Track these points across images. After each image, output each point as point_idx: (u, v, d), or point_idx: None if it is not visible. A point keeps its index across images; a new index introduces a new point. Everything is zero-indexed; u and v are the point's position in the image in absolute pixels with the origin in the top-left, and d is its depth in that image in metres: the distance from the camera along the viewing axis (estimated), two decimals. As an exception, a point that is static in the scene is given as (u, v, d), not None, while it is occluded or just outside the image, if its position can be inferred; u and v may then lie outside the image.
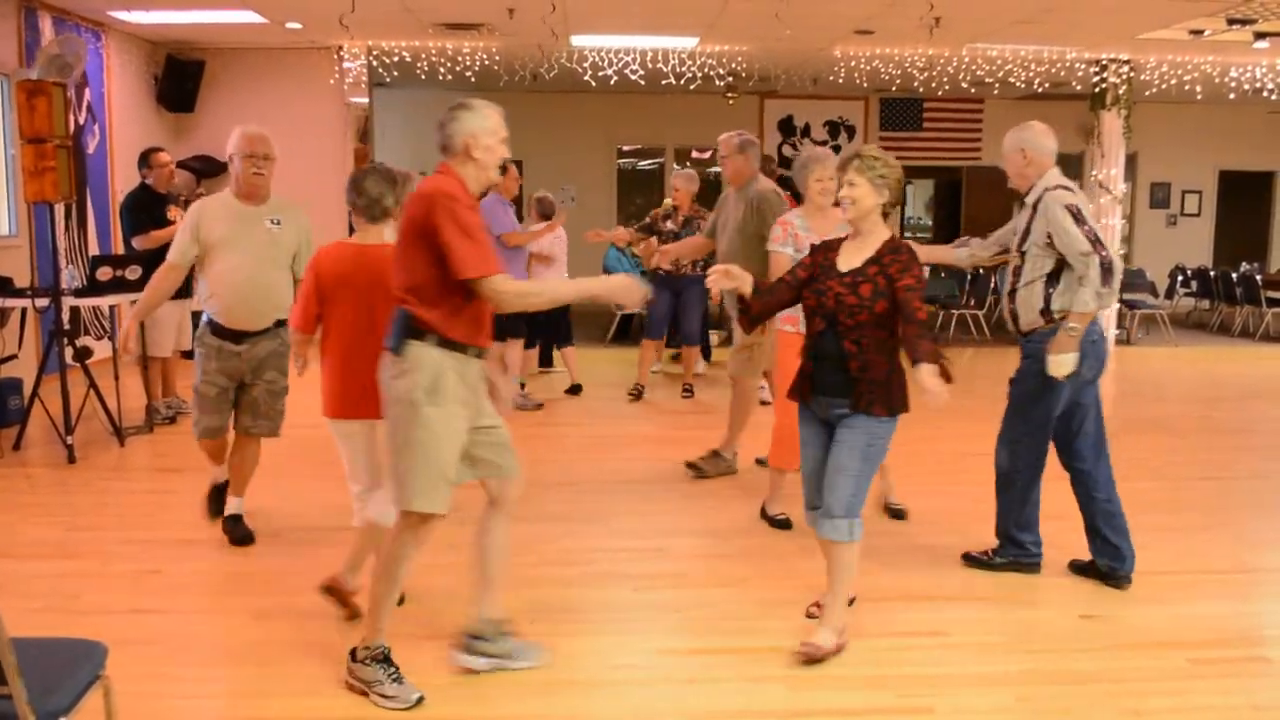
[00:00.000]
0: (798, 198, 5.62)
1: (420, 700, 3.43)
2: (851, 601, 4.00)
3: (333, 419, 4.01)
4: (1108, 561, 4.59)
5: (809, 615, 4.09)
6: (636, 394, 8.59)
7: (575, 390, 8.76)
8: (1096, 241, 4.27)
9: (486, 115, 3.49)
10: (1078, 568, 4.73)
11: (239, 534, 4.95)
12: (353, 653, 3.54)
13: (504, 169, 9.04)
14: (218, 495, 5.11)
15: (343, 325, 3.97)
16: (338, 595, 4.08)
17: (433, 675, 3.65)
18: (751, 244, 5.76)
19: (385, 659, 3.49)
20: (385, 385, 3.43)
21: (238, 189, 4.76)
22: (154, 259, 7.23)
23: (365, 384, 3.74)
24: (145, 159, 7.48)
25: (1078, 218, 4.33)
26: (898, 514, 5.43)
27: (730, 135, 6.10)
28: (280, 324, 4.82)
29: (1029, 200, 4.56)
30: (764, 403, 7.62)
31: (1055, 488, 6.19)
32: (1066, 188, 4.50)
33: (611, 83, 12.72)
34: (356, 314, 3.92)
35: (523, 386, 8.54)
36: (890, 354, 3.74)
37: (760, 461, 6.21)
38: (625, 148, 16.56)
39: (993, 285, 13.18)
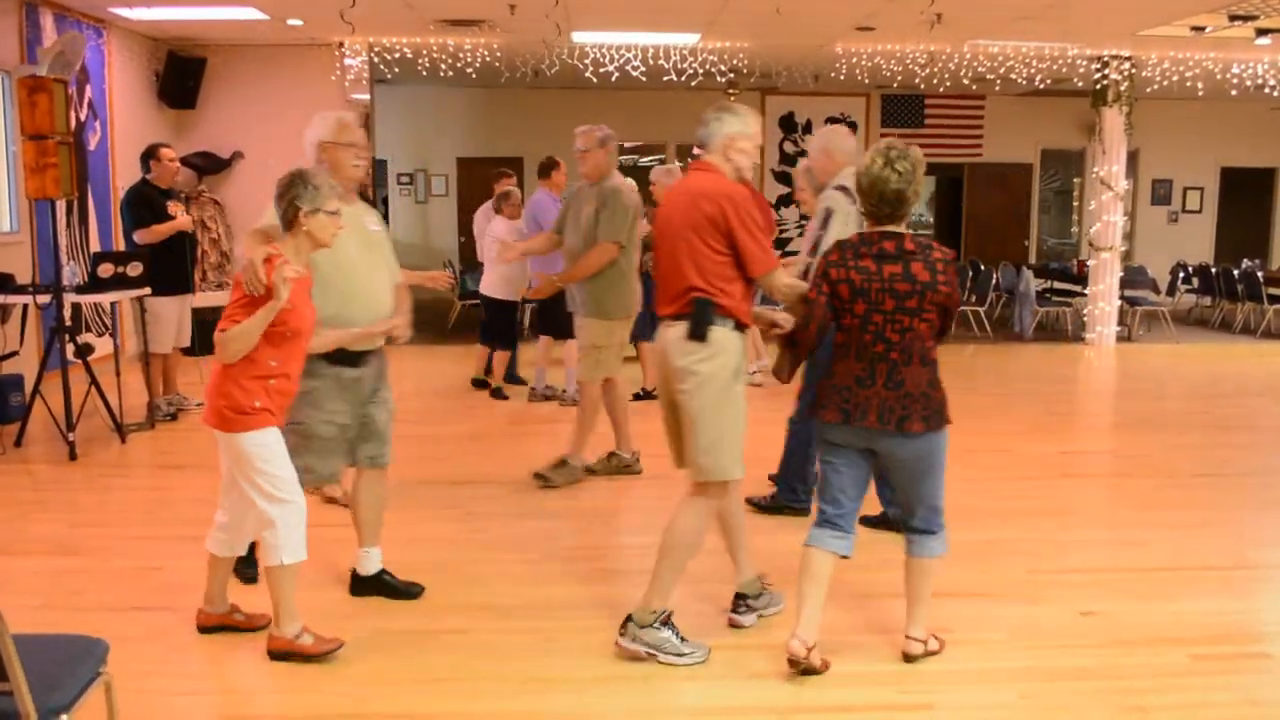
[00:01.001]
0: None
1: (709, 652, 3.74)
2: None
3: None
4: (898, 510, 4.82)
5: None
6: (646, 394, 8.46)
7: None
8: (815, 248, 4.80)
9: (747, 121, 3.93)
10: (870, 521, 4.97)
11: (410, 589, 4.33)
12: (630, 620, 3.75)
13: (556, 164, 9.05)
14: (377, 582, 4.34)
15: None
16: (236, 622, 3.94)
17: (436, 672, 3.65)
18: (594, 240, 5.73)
19: (671, 623, 3.75)
20: (687, 368, 3.71)
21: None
22: (156, 255, 7.25)
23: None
24: (152, 153, 7.47)
25: (825, 221, 4.88)
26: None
27: (590, 129, 5.85)
28: None
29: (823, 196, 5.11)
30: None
31: (1061, 485, 6.20)
32: (845, 190, 4.90)
33: (613, 79, 12.73)
34: None
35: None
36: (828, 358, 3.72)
37: (538, 476, 5.92)
38: (626, 144, 16.55)
39: (995, 282, 13.18)
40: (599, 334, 5.83)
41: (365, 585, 4.33)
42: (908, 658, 3.72)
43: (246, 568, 4.34)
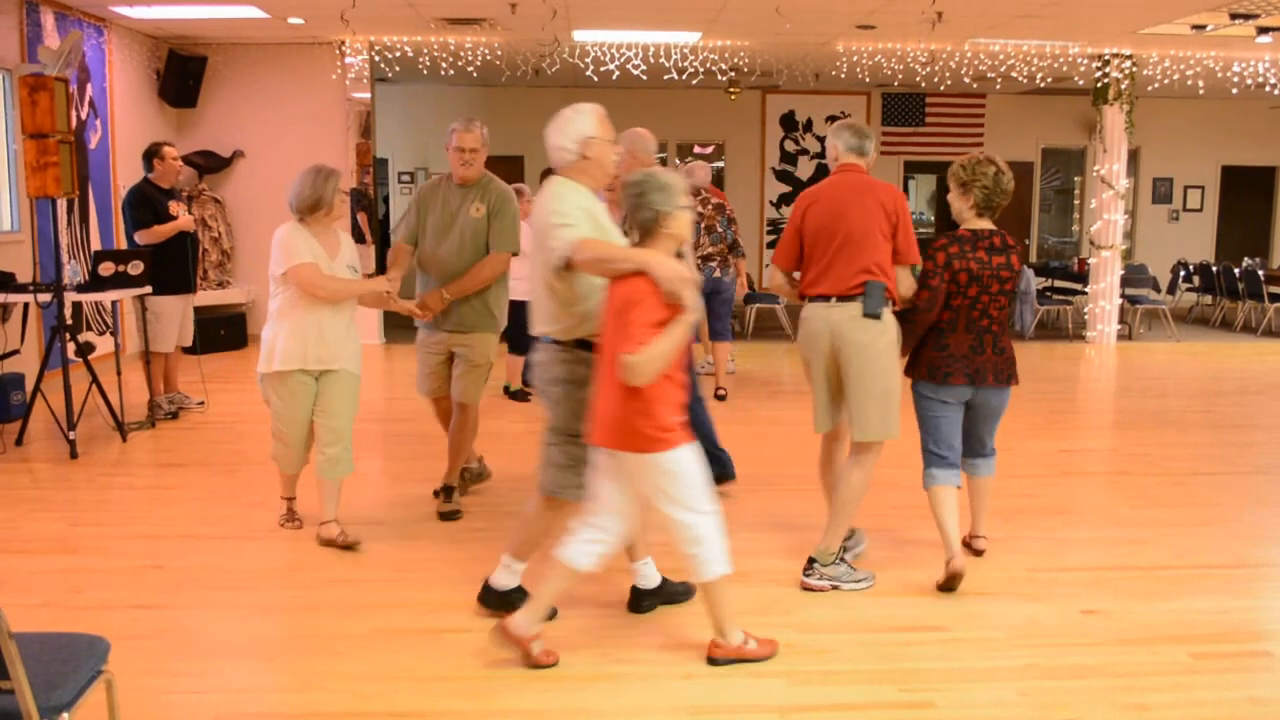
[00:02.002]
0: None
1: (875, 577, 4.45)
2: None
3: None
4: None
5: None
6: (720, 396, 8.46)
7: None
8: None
9: None
10: None
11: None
12: (814, 561, 4.39)
13: None
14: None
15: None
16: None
17: (436, 671, 3.66)
18: (482, 246, 5.19)
19: (844, 559, 4.48)
20: (866, 344, 4.26)
21: (595, 180, 3.94)
22: (158, 254, 7.26)
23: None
24: (155, 151, 7.46)
25: None
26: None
27: (474, 124, 5.17)
28: None
29: None
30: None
31: (1061, 483, 6.20)
32: None
33: (614, 78, 12.73)
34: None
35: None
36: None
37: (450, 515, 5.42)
38: (627, 143, 16.53)
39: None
40: (492, 349, 5.35)
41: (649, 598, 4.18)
42: (978, 554, 4.66)
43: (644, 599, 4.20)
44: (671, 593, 4.24)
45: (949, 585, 4.34)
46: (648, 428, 3.44)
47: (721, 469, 5.55)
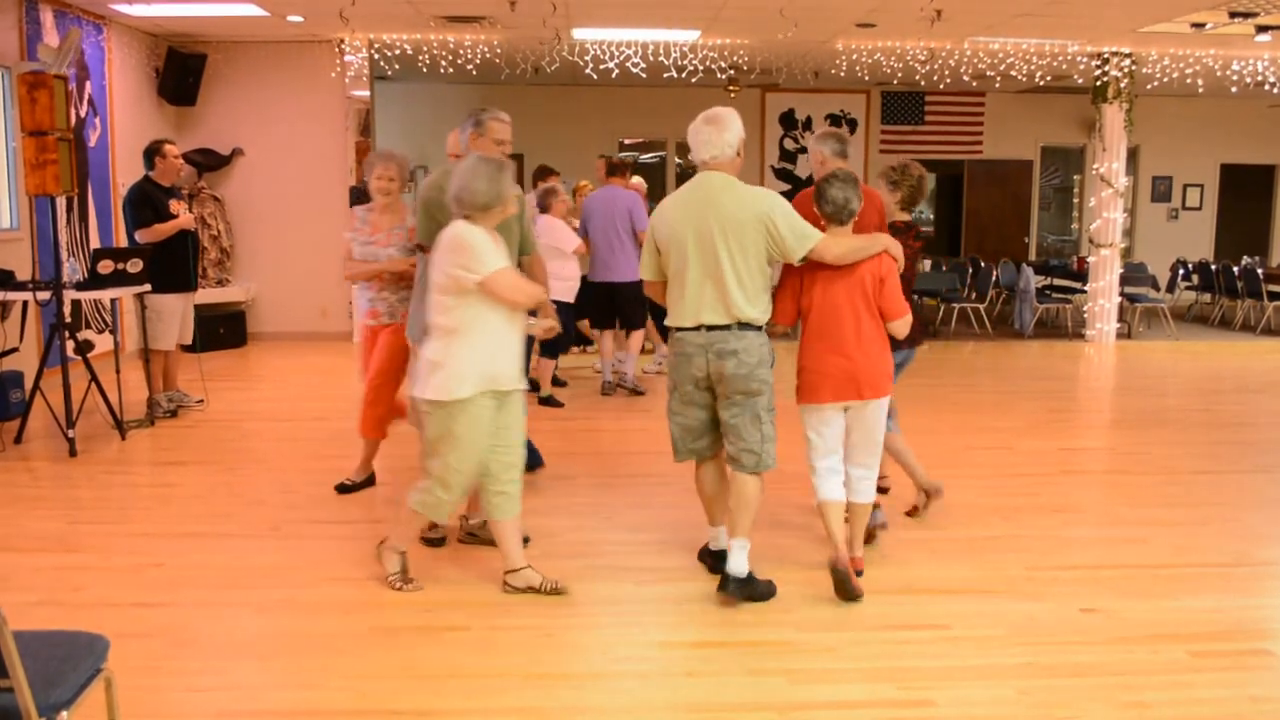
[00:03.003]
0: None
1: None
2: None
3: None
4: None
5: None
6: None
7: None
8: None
9: None
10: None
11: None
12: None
13: (629, 164, 8.92)
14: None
15: None
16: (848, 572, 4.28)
17: (436, 669, 3.66)
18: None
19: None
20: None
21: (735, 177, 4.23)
22: (158, 252, 7.25)
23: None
24: (156, 149, 7.45)
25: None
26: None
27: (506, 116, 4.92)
28: None
29: None
30: None
31: (1061, 482, 6.20)
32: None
33: (613, 76, 12.72)
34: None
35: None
36: None
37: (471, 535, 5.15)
38: (626, 141, 16.54)
39: (995, 279, 13.18)
40: None
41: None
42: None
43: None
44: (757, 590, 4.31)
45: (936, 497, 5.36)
46: (890, 374, 4.34)
47: (531, 460, 5.71)
